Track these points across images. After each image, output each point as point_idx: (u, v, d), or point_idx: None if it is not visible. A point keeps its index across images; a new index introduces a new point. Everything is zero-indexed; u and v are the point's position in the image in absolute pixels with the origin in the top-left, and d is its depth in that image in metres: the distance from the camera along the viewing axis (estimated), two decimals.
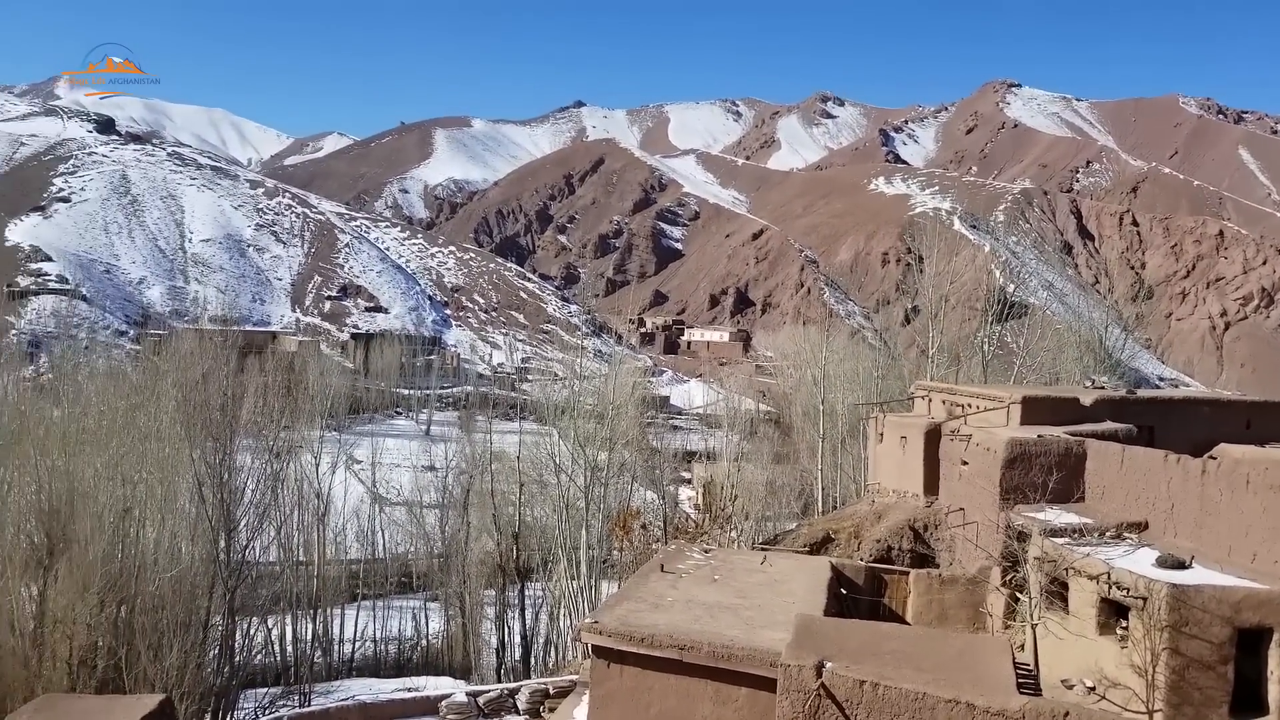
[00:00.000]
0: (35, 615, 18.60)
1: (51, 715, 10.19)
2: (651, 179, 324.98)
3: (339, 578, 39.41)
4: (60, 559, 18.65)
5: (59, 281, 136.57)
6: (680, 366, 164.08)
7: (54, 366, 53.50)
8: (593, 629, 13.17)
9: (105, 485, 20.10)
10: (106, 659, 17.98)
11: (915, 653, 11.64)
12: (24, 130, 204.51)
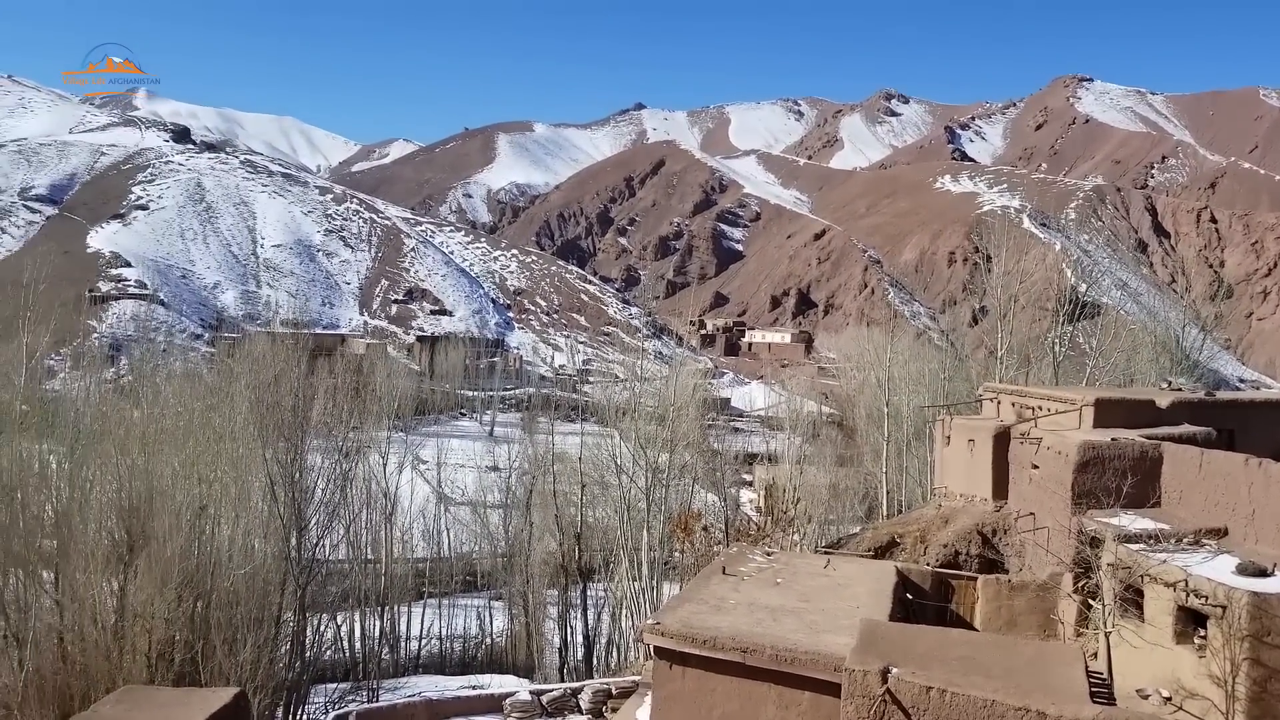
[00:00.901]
0: (116, 609, 19.22)
1: (132, 706, 10.52)
2: (712, 180, 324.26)
3: (406, 576, 40.04)
4: (140, 555, 19.24)
5: (138, 286, 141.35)
6: (741, 368, 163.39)
7: (134, 368, 55.40)
8: (655, 630, 13.18)
9: (182, 484, 20.72)
10: (183, 652, 18.51)
11: (984, 659, 11.42)
12: (104, 140, 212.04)
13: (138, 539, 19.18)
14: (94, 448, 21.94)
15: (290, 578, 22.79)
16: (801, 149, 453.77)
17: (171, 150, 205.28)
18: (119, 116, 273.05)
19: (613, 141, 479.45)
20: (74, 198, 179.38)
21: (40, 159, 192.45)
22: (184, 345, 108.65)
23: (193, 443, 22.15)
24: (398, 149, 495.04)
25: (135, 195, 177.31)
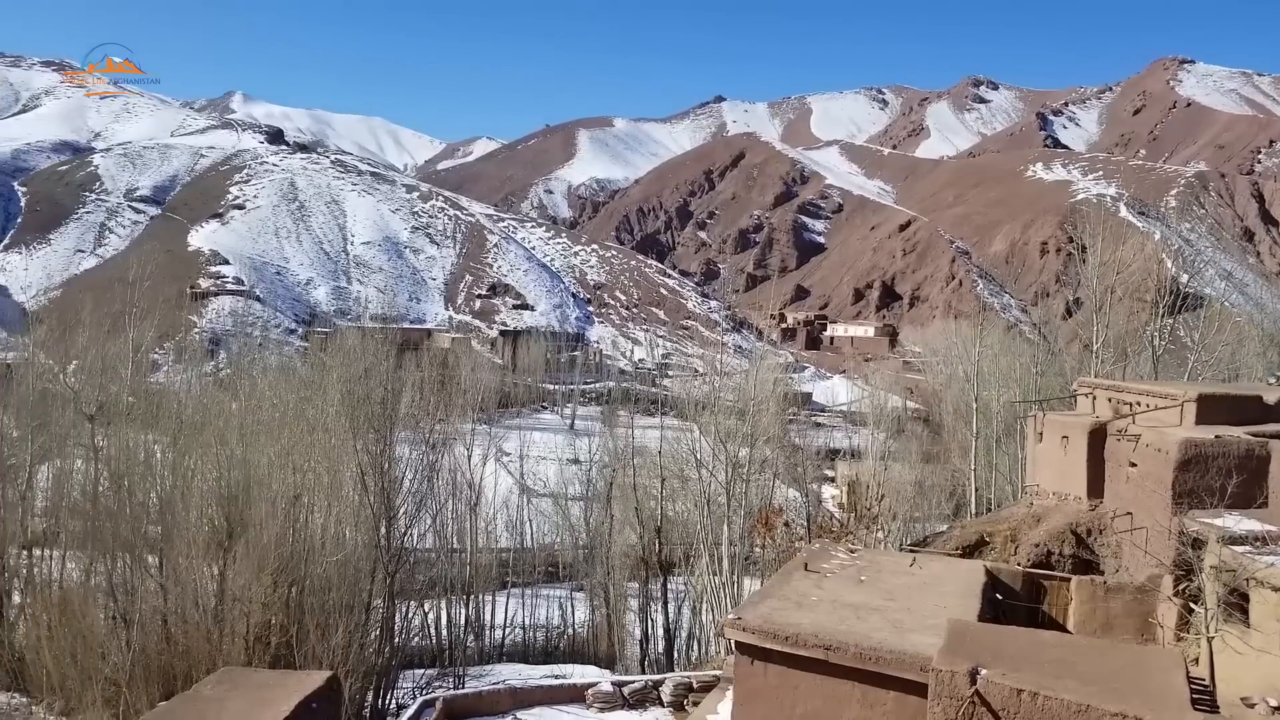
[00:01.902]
0: (216, 593, 20.00)
1: (232, 687, 10.92)
2: (793, 172, 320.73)
3: (490, 565, 40.70)
4: (238, 541, 19.96)
5: (236, 283, 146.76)
6: (823, 362, 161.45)
7: (232, 362, 57.57)
8: (736, 625, 13.13)
9: (278, 473, 21.41)
10: (279, 636, 19.15)
11: (1078, 662, 11.07)
12: (203, 143, 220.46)
13: (236, 526, 19.91)
14: (195, 438, 22.84)
15: (380, 565, 23.34)
16: (886, 138, 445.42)
17: (266, 151, 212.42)
18: (217, 119, 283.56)
19: (692, 135, 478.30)
20: (175, 198, 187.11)
21: (144, 161, 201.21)
22: (279, 339, 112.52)
23: (287, 434, 22.84)
24: (481, 147, 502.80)
25: (232, 195, 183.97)
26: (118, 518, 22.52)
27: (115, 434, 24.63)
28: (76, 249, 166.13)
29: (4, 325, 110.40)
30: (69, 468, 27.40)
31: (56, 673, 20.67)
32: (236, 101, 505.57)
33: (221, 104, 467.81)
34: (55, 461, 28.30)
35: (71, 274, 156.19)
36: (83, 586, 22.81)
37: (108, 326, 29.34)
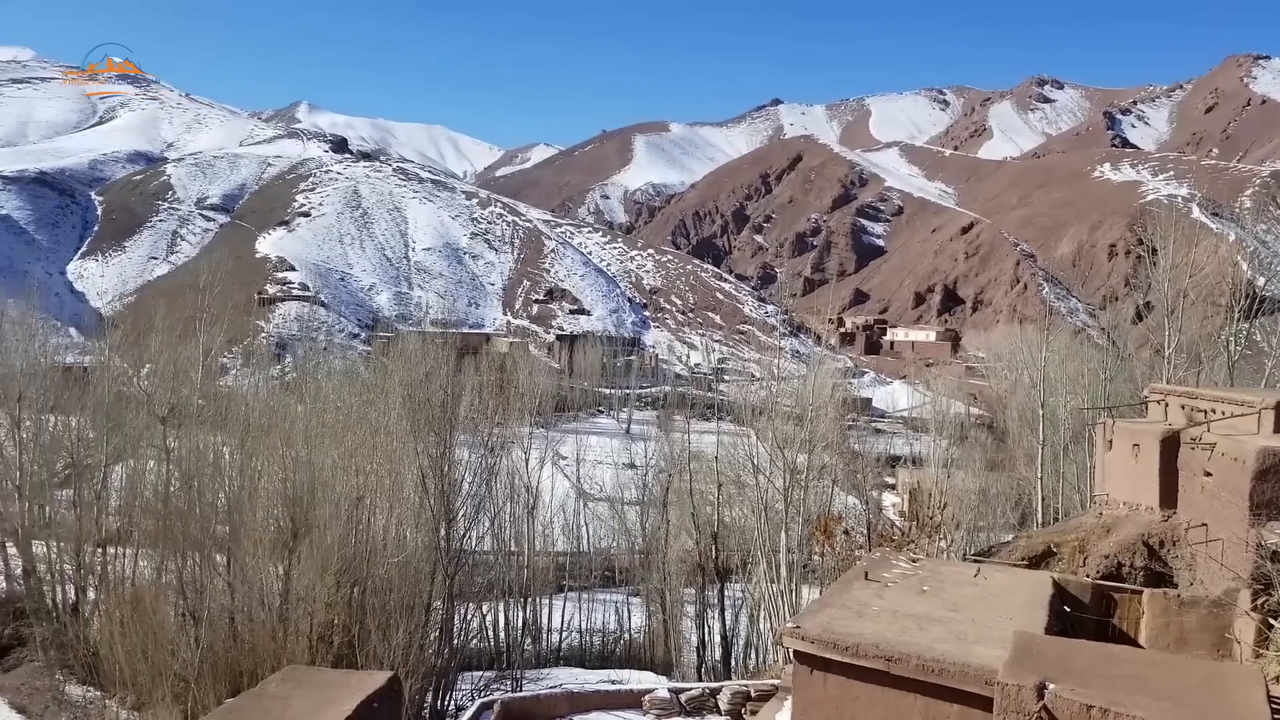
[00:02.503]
0: (281, 592, 20.38)
1: (296, 685, 11.10)
2: (851, 174, 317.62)
3: (547, 569, 40.88)
4: (303, 541, 20.33)
5: (301, 289, 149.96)
6: (883, 368, 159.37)
7: (297, 366, 58.80)
8: (795, 634, 12.97)
9: (341, 475, 21.77)
10: (341, 635, 19.46)
11: (1151, 678, 10.71)
12: (271, 152, 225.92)
13: (301, 526, 20.28)
14: (262, 440, 23.33)
15: (439, 567, 23.57)
16: (947, 140, 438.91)
17: (331, 160, 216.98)
18: (283, 129, 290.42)
19: (749, 138, 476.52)
20: (244, 206, 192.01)
21: (214, 171, 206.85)
22: (343, 344, 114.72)
23: (350, 436, 23.22)
24: (539, 153, 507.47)
25: (298, 203, 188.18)
26: (188, 517, 23.12)
27: (186, 436, 25.30)
28: (150, 256, 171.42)
29: (81, 330, 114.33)
30: (142, 468, 28.20)
31: (128, 668, 21.25)
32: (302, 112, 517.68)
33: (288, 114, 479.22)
34: (129, 462, 29.15)
35: (145, 280, 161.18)
36: (154, 584, 23.44)
37: (179, 331, 30.19)
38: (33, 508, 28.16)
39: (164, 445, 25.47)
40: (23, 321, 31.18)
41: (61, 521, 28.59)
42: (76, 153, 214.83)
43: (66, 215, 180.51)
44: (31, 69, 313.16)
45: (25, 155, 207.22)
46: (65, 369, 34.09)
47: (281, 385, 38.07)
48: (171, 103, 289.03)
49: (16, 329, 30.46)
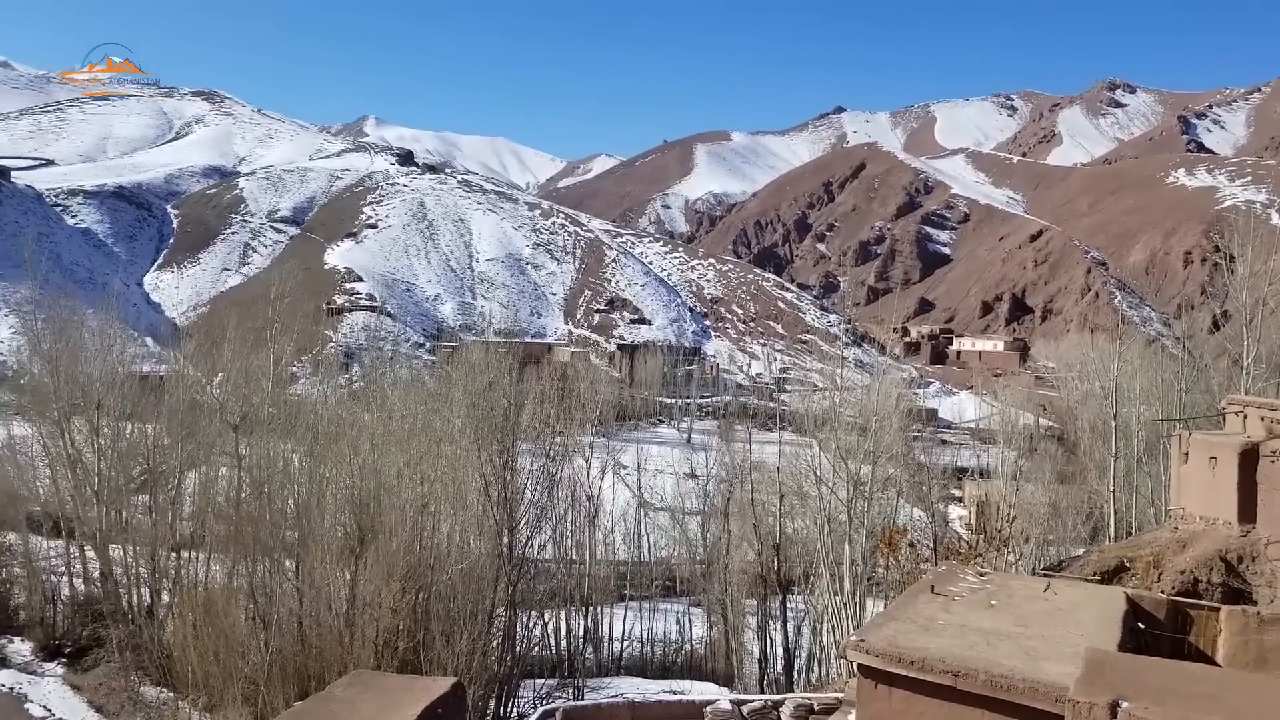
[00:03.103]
0: (348, 598, 20.74)
1: (363, 690, 11.29)
2: (916, 182, 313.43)
3: (608, 578, 40.91)
4: (369, 548, 20.67)
5: (368, 299, 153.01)
6: (949, 378, 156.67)
7: (364, 375, 59.89)
8: (859, 647, 12.79)
9: (406, 482, 22.09)
10: (406, 641, 19.72)
11: (1228, 698, 10.34)
12: (339, 165, 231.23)
13: (367, 533, 20.63)
14: (330, 448, 23.78)
15: (502, 574, 23.75)
16: (1015, 146, 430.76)
17: (397, 173, 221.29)
18: (351, 143, 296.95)
19: (811, 146, 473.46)
20: (313, 218, 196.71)
21: (285, 184, 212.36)
22: (408, 353, 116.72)
23: (416, 444, 23.53)
24: (600, 164, 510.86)
25: (366, 215, 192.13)
26: (258, 523, 23.66)
27: (257, 443, 25.91)
28: (223, 267, 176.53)
29: (157, 340, 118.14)
30: (214, 474, 28.94)
31: (200, 670, 21.77)
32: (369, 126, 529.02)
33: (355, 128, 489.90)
34: (202, 468, 29.95)
35: (218, 291, 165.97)
36: (225, 588, 24.00)
37: (250, 341, 30.96)
38: (110, 512, 29.10)
39: (236, 452, 26.14)
40: (102, 331, 32.27)
41: (138, 526, 29.49)
42: (153, 167, 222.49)
43: (144, 228, 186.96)
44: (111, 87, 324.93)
45: (105, 170, 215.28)
46: (142, 377, 35.17)
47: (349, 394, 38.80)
48: (244, 118, 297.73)
49: (96, 338, 31.54)
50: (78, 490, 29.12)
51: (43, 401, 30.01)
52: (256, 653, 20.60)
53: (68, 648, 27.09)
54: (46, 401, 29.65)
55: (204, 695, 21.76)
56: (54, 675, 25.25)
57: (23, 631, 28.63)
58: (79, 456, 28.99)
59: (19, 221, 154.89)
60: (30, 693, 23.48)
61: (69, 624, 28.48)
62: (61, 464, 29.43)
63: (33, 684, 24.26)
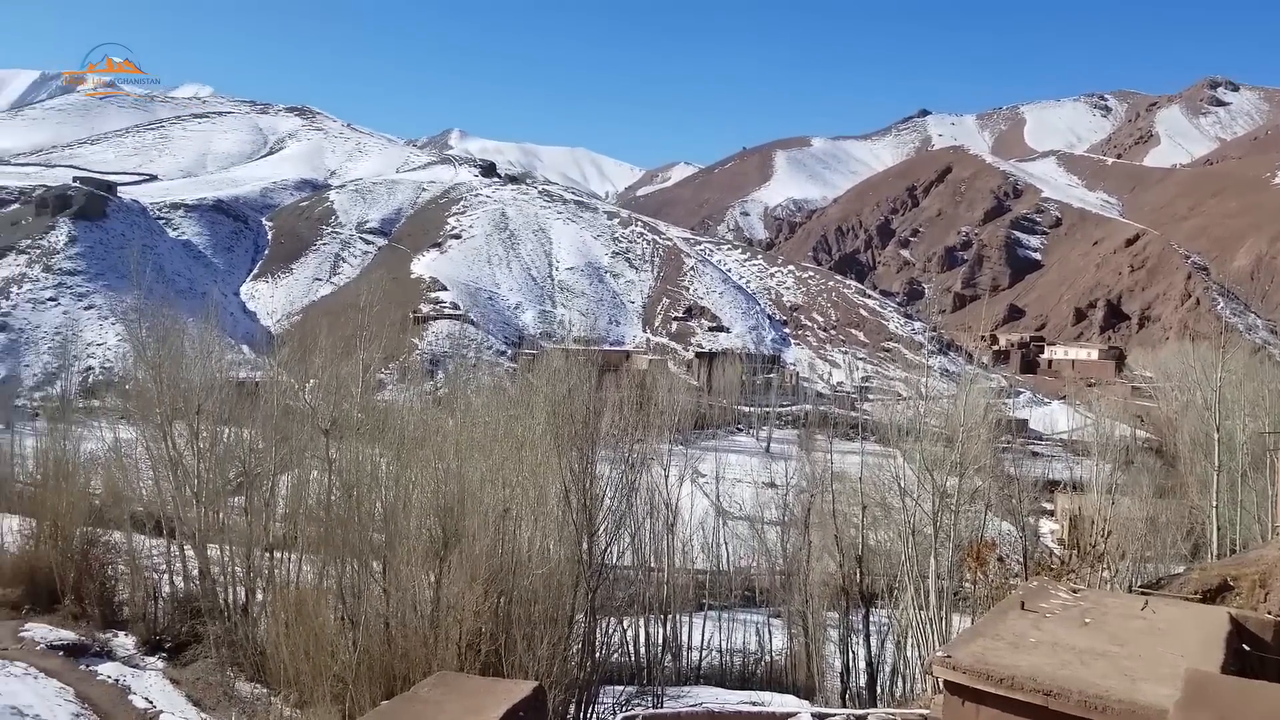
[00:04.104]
0: (432, 600, 21.07)
1: (447, 691, 11.47)
2: (1005, 185, 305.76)
3: (687, 586, 40.80)
4: (453, 551, 20.98)
5: (452, 308, 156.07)
6: (1040, 387, 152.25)
7: (448, 381, 61.05)
8: (945, 663, 12.48)
9: (489, 488, 22.39)
10: (488, 644, 19.94)
11: None
12: (425, 178, 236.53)
13: (451, 536, 20.95)
14: (415, 453, 24.25)
15: (582, 580, 23.88)
16: (1109, 147, 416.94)
17: (480, 184, 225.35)
18: (436, 156, 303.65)
19: (894, 151, 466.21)
20: (400, 229, 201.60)
21: (373, 196, 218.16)
22: (490, 360, 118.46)
23: (498, 450, 23.85)
24: (679, 172, 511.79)
25: (450, 226, 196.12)
26: (347, 525, 24.23)
27: (346, 447, 26.54)
28: (315, 277, 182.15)
29: (253, 347, 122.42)
30: (306, 478, 29.73)
31: (292, 667, 22.38)
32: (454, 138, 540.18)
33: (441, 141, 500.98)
34: (294, 471, 30.82)
35: (310, 300, 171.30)
36: (316, 588, 24.57)
37: (341, 348, 31.78)
38: (208, 513, 30.14)
39: (326, 456, 26.83)
40: (201, 339, 33.48)
41: (234, 527, 30.48)
42: (249, 181, 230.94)
43: (240, 240, 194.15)
44: (210, 105, 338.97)
45: (204, 185, 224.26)
46: (238, 384, 36.38)
47: (434, 400, 39.57)
48: (335, 133, 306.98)
49: (196, 346, 32.71)
50: (178, 491, 30.25)
51: (146, 406, 31.25)
52: (345, 652, 21.07)
53: (168, 643, 28.13)
54: (150, 406, 30.87)
55: (295, 692, 22.35)
56: (155, 669, 26.28)
57: (127, 626, 29.84)
58: (179, 459, 30.11)
59: (125, 234, 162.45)
60: (133, 685, 24.49)
61: (169, 620, 29.58)
62: (163, 466, 30.61)
63: (136, 677, 25.29)
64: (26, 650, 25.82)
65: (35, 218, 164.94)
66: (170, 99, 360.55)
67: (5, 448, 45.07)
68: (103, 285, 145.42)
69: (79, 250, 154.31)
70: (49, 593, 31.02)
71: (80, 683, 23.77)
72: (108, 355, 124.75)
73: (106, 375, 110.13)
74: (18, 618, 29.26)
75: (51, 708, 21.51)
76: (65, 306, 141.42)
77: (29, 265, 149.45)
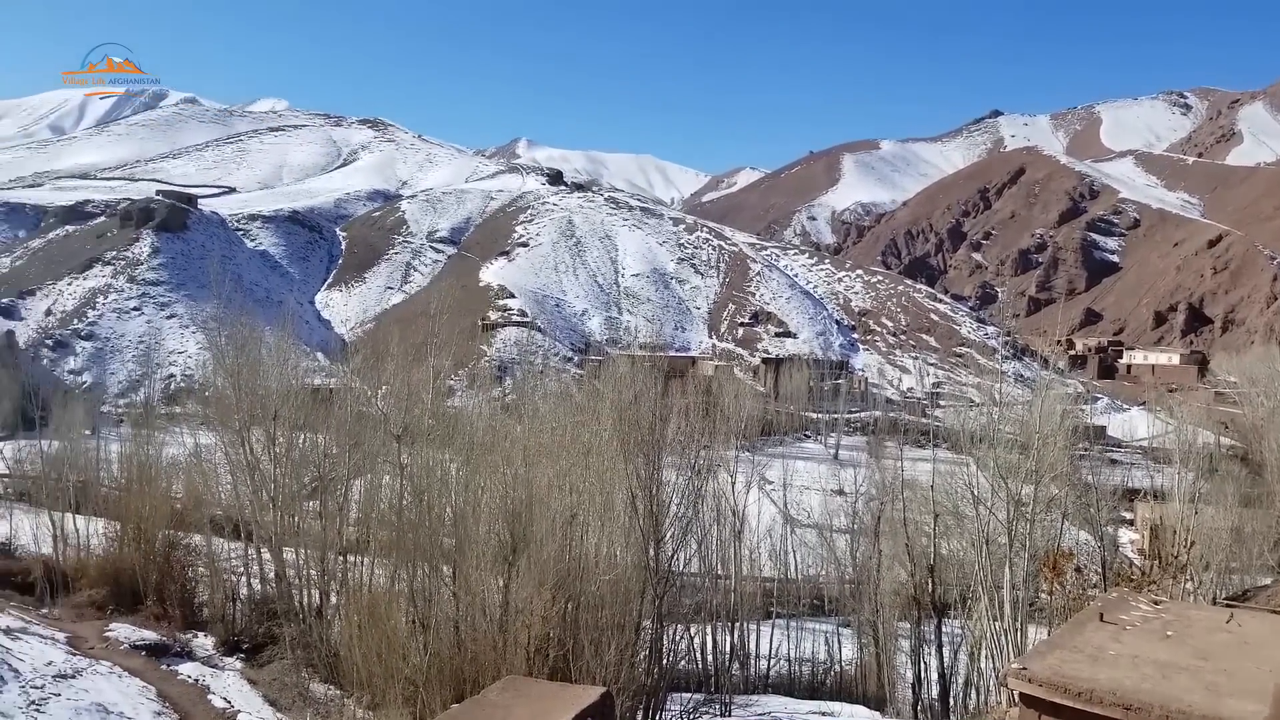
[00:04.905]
0: (501, 604, 21.23)
1: (516, 695, 11.57)
2: (1080, 186, 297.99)
3: (754, 594, 40.47)
4: (521, 556, 21.13)
5: (520, 315, 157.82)
6: (1119, 393, 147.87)
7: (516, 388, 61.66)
8: (1021, 676, 12.18)
9: (556, 493, 22.48)
10: (556, 649, 20.01)
11: None
12: (493, 187, 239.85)
13: (519, 541, 21.10)
14: (484, 458, 24.47)
15: (648, 587, 23.83)
16: (1189, 146, 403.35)
17: (547, 192, 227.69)
18: (504, 165, 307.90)
19: (965, 153, 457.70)
20: (469, 238, 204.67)
21: (443, 205, 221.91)
22: (557, 367, 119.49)
23: (564, 456, 23.92)
24: (744, 177, 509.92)
25: (518, 234, 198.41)
26: (418, 529, 24.57)
27: (417, 453, 26.89)
28: (386, 286, 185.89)
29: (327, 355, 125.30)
30: (378, 482, 30.19)
31: (364, 669, 22.76)
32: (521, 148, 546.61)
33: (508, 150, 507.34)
34: (367, 476, 31.34)
35: (382, 308, 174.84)
36: (387, 591, 24.93)
37: (412, 355, 32.23)
38: (284, 517, 30.74)
39: (398, 461, 27.24)
40: (278, 347, 34.20)
41: (308, 530, 31.06)
42: (324, 193, 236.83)
43: (315, 250, 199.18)
44: (286, 118, 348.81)
45: (280, 196, 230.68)
46: (313, 390, 37.14)
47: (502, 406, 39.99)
48: (406, 144, 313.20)
49: (272, 354, 33.42)
50: (255, 495, 30.95)
51: (225, 412, 32.07)
52: (416, 655, 21.35)
53: (245, 644, 28.82)
54: (229, 412, 31.67)
55: (367, 694, 22.73)
56: (233, 669, 26.97)
57: (206, 627, 30.68)
58: (257, 464, 30.82)
59: (205, 245, 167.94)
60: (212, 685, 25.17)
61: (246, 621, 30.31)
62: (241, 471, 31.36)
63: (214, 677, 26.00)
64: (111, 649, 26.73)
65: (120, 230, 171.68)
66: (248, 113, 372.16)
67: (92, 453, 46.80)
68: (184, 295, 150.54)
69: (161, 261, 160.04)
70: (132, 593, 32.08)
71: (162, 682, 24.50)
72: (189, 363, 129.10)
73: (187, 382, 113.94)
74: (103, 618, 30.30)
75: (135, 706, 22.22)
76: (148, 316, 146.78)
77: (114, 276, 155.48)
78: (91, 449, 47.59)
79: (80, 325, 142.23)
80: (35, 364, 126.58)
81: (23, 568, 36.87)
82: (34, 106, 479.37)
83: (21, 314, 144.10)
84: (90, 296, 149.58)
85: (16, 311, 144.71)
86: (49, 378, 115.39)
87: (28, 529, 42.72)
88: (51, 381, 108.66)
